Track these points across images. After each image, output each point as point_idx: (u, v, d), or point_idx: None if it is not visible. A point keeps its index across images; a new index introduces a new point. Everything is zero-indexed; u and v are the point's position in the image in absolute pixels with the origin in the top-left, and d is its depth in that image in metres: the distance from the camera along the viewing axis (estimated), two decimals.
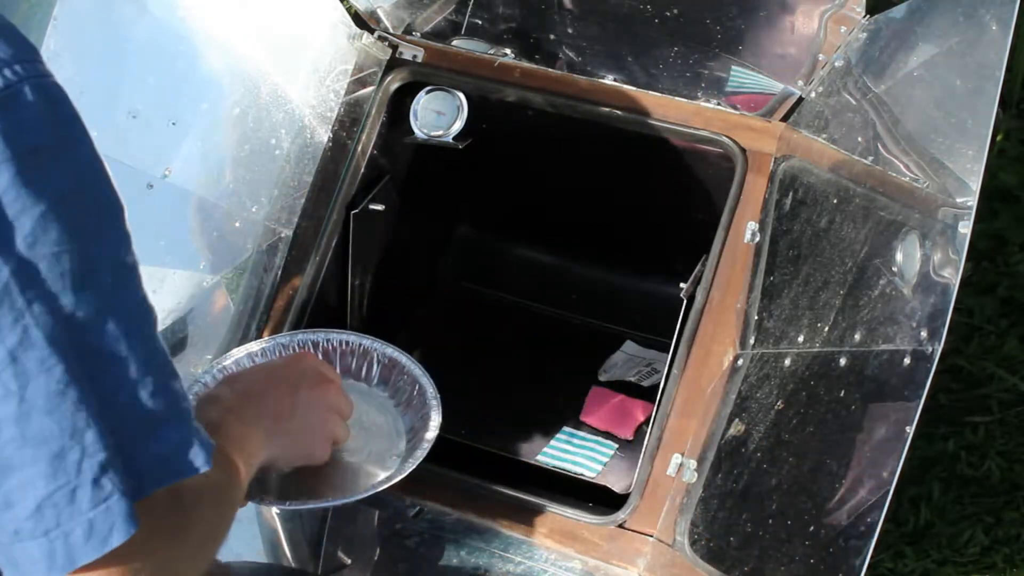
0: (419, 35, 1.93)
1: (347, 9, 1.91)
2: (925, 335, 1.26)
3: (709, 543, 1.49)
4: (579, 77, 1.85)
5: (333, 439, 1.42)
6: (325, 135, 1.88)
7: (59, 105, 0.88)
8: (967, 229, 1.27)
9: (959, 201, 1.30)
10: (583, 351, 2.07)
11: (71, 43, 1.49)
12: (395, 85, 1.90)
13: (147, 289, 0.93)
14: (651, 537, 1.59)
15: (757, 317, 1.60)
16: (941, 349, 1.22)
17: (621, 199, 2.06)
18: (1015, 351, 2.47)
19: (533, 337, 2.14)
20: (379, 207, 1.90)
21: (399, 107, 1.90)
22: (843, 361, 1.39)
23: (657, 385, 1.77)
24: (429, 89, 1.87)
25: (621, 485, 1.73)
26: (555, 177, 2.08)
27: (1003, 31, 1.35)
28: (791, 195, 1.64)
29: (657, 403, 1.66)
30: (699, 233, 1.75)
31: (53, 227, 0.83)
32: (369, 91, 1.90)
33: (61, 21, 1.46)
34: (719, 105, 1.78)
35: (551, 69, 1.86)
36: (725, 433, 1.55)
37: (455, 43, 1.92)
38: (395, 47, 1.92)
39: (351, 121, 1.89)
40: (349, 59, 1.89)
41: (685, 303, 1.68)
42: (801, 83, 1.73)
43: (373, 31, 1.92)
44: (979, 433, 2.37)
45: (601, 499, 1.70)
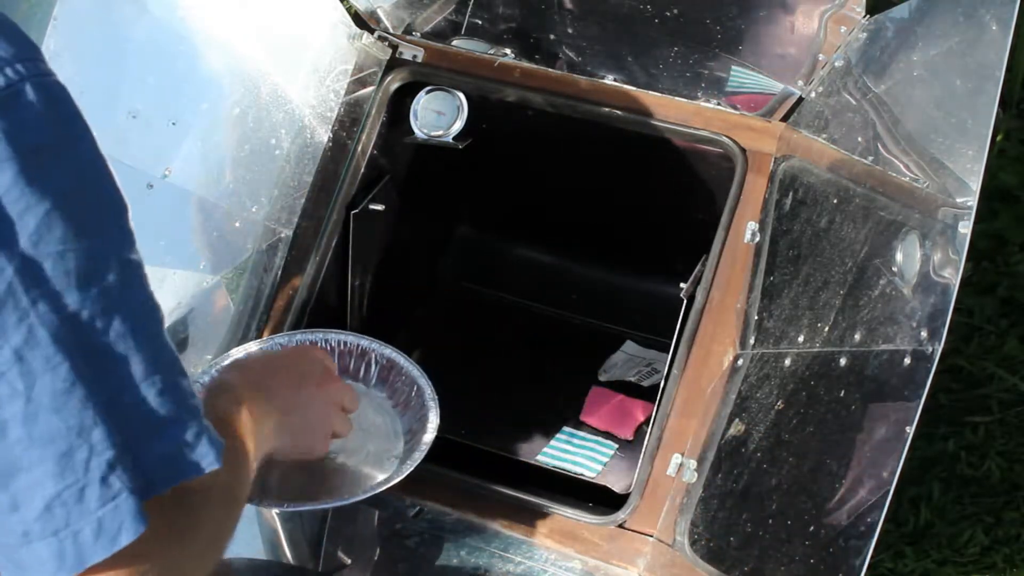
0: (419, 35, 1.93)
1: (347, 9, 1.91)
2: (925, 335, 1.26)
3: (709, 543, 1.49)
4: (579, 77, 1.85)
5: (333, 434, 1.42)
6: (325, 135, 1.88)
7: (61, 104, 0.88)
8: (967, 229, 1.27)
9: (959, 201, 1.30)
10: (583, 351, 2.07)
11: (71, 43, 1.49)
12: (395, 85, 1.90)
13: None
14: (651, 537, 1.59)
15: (757, 317, 1.60)
16: (941, 349, 1.22)
17: (621, 199, 2.06)
18: (1015, 351, 2.47)
19: (533, 337, 2.14)
20: (379, 207, 1.90)
21: (399, 107, 1.90)
22: (843, 361, 1.39)
23: (657, 385, 1.77)
24: (429, 89, 1.87)
25: (621, 485, 1.73)
26: (555, 177, 2.08)
27: (1003, 31, 1.35)
28: (791, 195, 1.64)
29: (657, 403, 1.66)
30: (699, 233, 1.75)
31: (57, 225, 0.83)
32: (369, 91, 1.90)
33: (61, 21, 1.46)
34: (719, 105, 1.78)
35: (551, 69, 1.86)
36: (725, 433, 1.55)
37: (455, 43, 1.92)
38: (395, 47, 1.92)
39: (351, 121, 1.89)
40: (349, 59, 1.89)
41: (685, 303, 1.68)
42: (801, 83, 1.73)
43: (373, 31, 1.92)
44: (979, 433, 2.37)
45: (601, 499, 1.70)
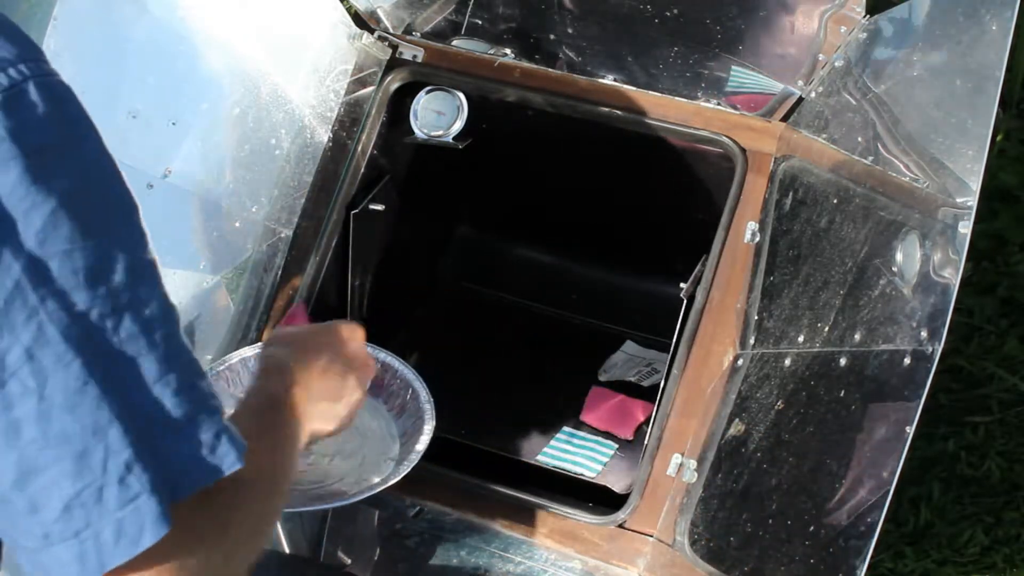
0: (419, 35, 1.92)
1: (347, 9, 1.91)
2: (925, 335, 1.26)
3: (709, 543, 1.49)
4: (579, 77, 1.85)
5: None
6: (325, 135, 1.88)
7: (64, 103, 0.87)
8: (967, 229, 1.27)
9: (959, 201, 1.30)
10: (583, 351, 2.07)
11: (71, 43, 1.49)
12: (395, 85, 1.90)
13: None
14: (651, 537, 1.59)
15: (757, 317, 1.60)
16: (941, 349, 1.22)
17: (621, 199, 2.06)
18: (1015, 351, 2.47)
19: (533, 337, 2.14)
20: (379, 207, 1.90)
21: (399, 107, 1.90)
22: (843, 361, 1.39)
23: (657, 385, 1.77)
24: (429, 89, 1.87)
25: (621, 485, 1.73)
26: (555, 177, 2.08)
27: (1003, 31, 1.35)
28: (791, 195, 1.64)
29: (657, 403, 1.66)
30: (699, 233, 1.75)
31: (63, 224, 0.83)
32: (369, 91, 1.90)
33: (61, 21, 1.47)
34: (719, 105, 1.78)
35: (551, 69, 1.86)
36: (725, 433, 1.55)
37: (455, 43, 1.92)
38: (395, 47, 1.92)
39: (351, 121, 1.89)
40: (349, 59, 1.89)
41: (685, 303, 1.68)
42: (801, 83, 1.73)
43: (373, 31, 1.92)
44: (979, 433, 2.37)
45: (601, 499, 1.70)
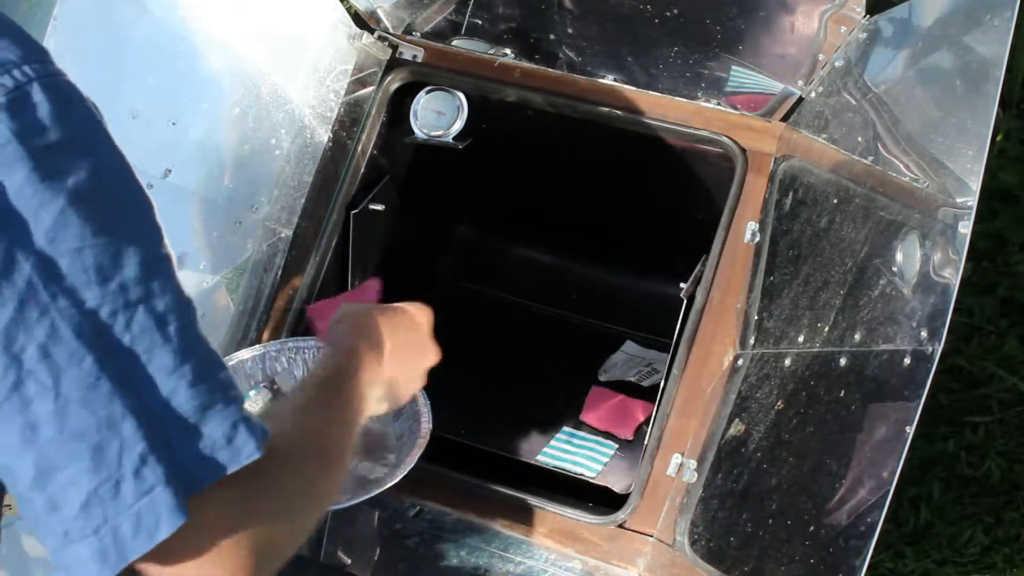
0: (419, 35, 1.92)
1: (347, 9, 1.91)
2: (925, 335, 1.26)
3: (709, 543, 1.49)
4: (579, 77, 1.85)
5: None
6: (325, 135, 1.88)
7: (70, 103, 0.88)
8: (967, 229, 1.27)
9: (959, 201, 1.30)
10: (583, 351, 2.07)
11: (71, 43, 1.49)
12: (395, 85, 1.90)
13: None
14: (651, 537, 1.59)
15: (757, 317, 1.60)
16: (941, 349, 1.22)
17: (621, 199, 2.06)
18: (1015, 351, 2.47)
19: (533, 337, 2.14)
20: (379, 207, 1.90)
21: (399, 107, 1.90)
22: (843, 361, 1.39)
23: (657, 385, 1.77)
24: (429, 89, 1.87)
25: (621, 485, 1.73)
26: (555, 177, 2.08)
27: (1003, 31, 1.35)
28: (791, 195, 1.64)
29: (657, 403, 1.66)
30: (699, 233, 1.75)
31: (73, 222, 0.84)
32: (369, 91, 1.90)
33: (61, 21, 1.47)
34: (719, 105, 1.78)
35: (551, 69, 1.86)
36: (725, 433, 1.54)
37: (455, 43, 1.92)
38: (395, 47, 1.92)
39: (351, 121, 1.89)
40: (349, 59, 1.89)
41: (685, 303, 1.68)
42: (801, 83, 1.73)
43: (373, 31, 1.92)
44: (979, 433, 2.37)
45: (601, 499, 1.70)
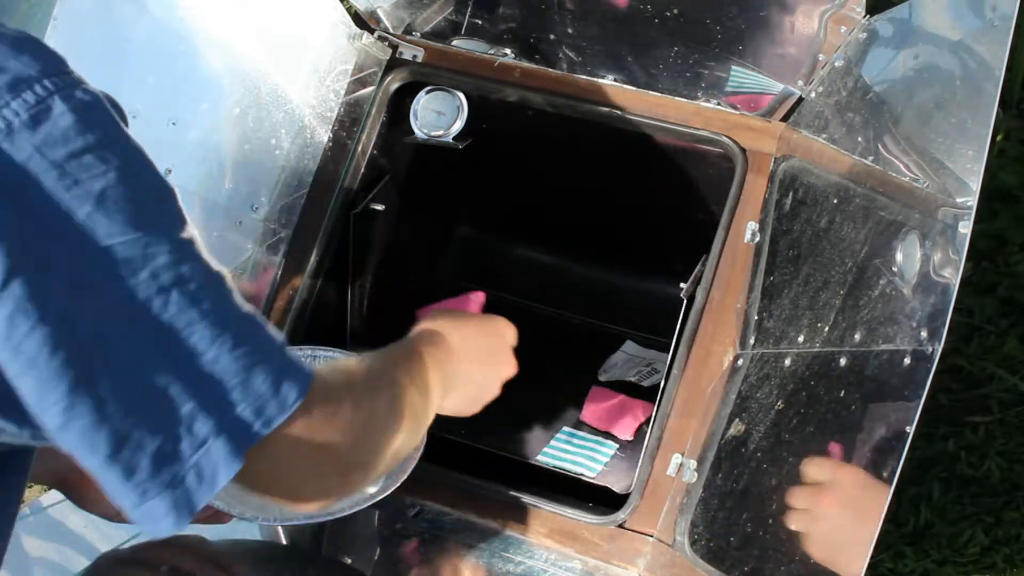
0: (419, 35, 1.92)
1: (347, 9, 1.91)
2: (925, 335, 1.26)
3: (709, 543, 1.49)
4: (579, 77, 1.85)
5: None
6: (325, 135, 1.88)
7: (91, 110, 0.96)
8: (967, 229, 1.27)
9: (959, 201, 1.30)
10: (583, 351, 2.07)
11: (71, 43, 1.48)
12: (395, 85, 1.90)
13: None
14: (651, 537, 1.59)
15: (757, 317, 1.60)
16: (941, 349, 1.22)
17: (621, 199, 2.06)
18: (1015, 351, 2.47)
19: (533, 337, 2.13)
20: (379, 207, 1.90)
21: (399, 107, 1.90)
22: (843, 361, 1.39)
23: (657, 385, 1.77)
24: (429, 89, 1.87)
25: (621, 485, 1.73)
26: (555, 177, 2.08)
27: (1003, 31, 1.35)
28: (791, 195, 1.64)
29: (657, 403, 1.66)
30: (699, 233, 1.75)
31: (101, 223, 0.93)
32: (369, 91, 1.90)
33: (61, 21, 1.47)
34: (719, 105, 1.78)
35: (551, 69, 1.86)
36: (725, 433, 1.54)
37: (455, 43, 1.92)
38: (395, 47, 1.92)
39: (351, 121, 1.89)
40: (349, 59, 1.89)
41: (685, 303, 1.68)
42: (801, 83, 1.73)
43: (373, 31, 1.92)
44: (979, 433, 2.37)
45: (601, 499, 1.70)
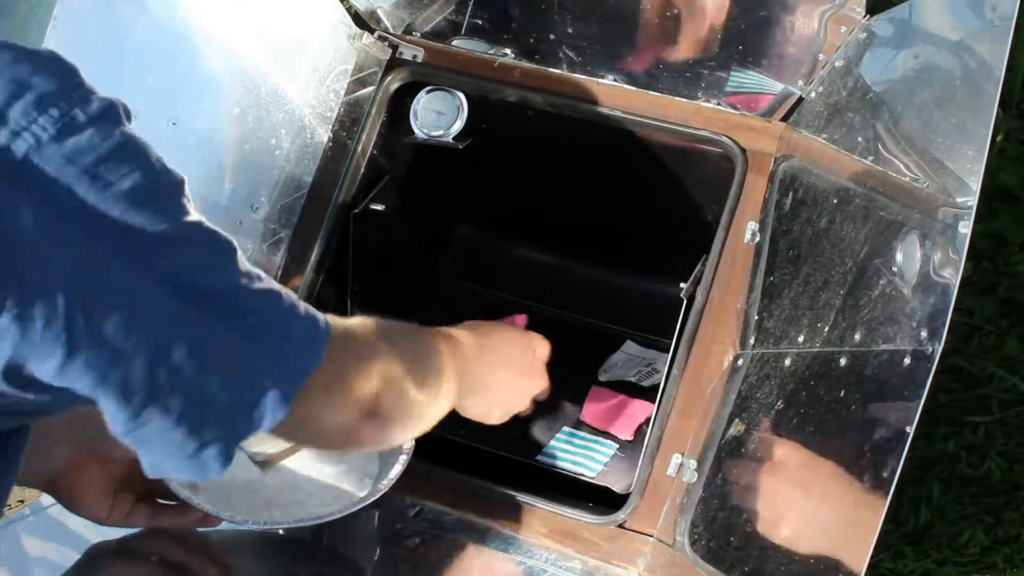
0: (419, 35, 1.92)
1: (347, 9, 1.91)
2: (925, 335, 1.26)
3: (709, 543, 1.49)
4: (579, 77, 1.85)
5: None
6: (325, 135, 1.88)
7: (107, 115, 1.05)
8: (967, 229, 1.27)
9: (959, 201, 1.30)
10: (583, 351, 2.07)
11: (71, 43, 1.49)
12: (395, 85, 1.90)
13: None
14: (651, 537, 1.59)
15: (757, 317, 1.60)
16: (941, 349, 1.22)
17: (621, 199, 2.05)
18: (1015, 351, 2.47)
19: None
20: (379, 207, 1.90)
21: (399, 107, 1.90)
22: (843, 361, 1.39)
23: (657, 385, 1.77)
24: (429, 89, 1.87)
25: (621, 485, 1.73)
26: (555, 177, 2.08)
27: (1003, 31, 1.35)
28: (791, 195, 1.64)
29: (657, 403, 1.66)
30: (699, 233, 1.75)
31: (136, 217, 1.02)
32: (369, 91, 1.90)
33: (61, 21, 1.47)
34: (719, 105, 1.78)
35: (551, 69, 1.86)
36: (725, 433, 1.55)
37: (455, 43, 1.92)
38: (395, 47, 1.92)
39: (351, 121, 1.89)
40: (349, 59, 1.89)
41: (685, 303, 1.68)
42: (801, 83, 1.73)
43: (373, 31, 1.92)
44: (979, 433, 2.37)
45: (601, 499, 1.70)
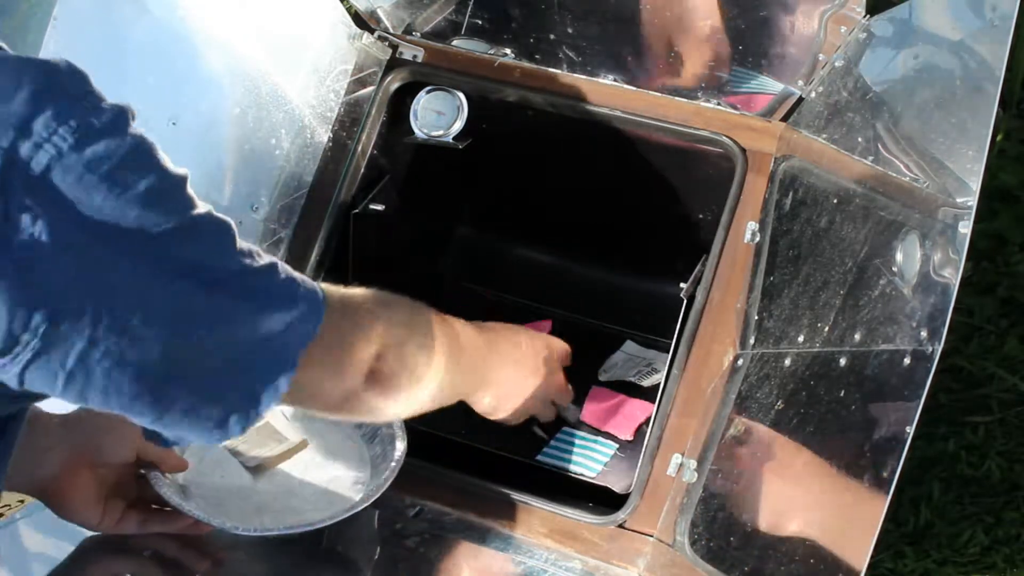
0: (419, 35, 1.93)
1: (347, 9, 1.91)
2: (925, 335, 1.26)
3: (709, 543, 1.49)
4: (579, 77, 1.85)
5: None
6: (325, 135, 1.88)
7: (117, 122, 1.07)
8: (967, 229, 1.27)
9: (959, 201, 1.30)
10: (583, 351, 2.06)
11: (71, 43, 1.49)
12: (395, 85, 1.90)
13: None
14: (651, 537, 1.58)
15: (757, 317, 1.60)
16: (941, 349, 1.22)
17: (621, 199, 2.05)
18: (1015, 351, 2.47)
19: None
20: (379, 207, 1.90)
21: (399, 107, 1.90)
22: (843, 361, 1.39)
23: (657, 385, 1.77)
24: (429, 89, 1.87)
25: (621, 485, 1.73)
26: (555, 177, 2.08)
27: (1003, 31, 1.35)
28: (791, 195, 1.64)
29: (657, 403, 1.65)
30: (699, 233, 1.75)
31: (151, 217, 1.07)
32: (369, 91, 1.90)
33: (61, 21, 1.47)
34: (719, 105, 1.78)
35: (551, 69, 1.86)
36: (725, 433, 1.55)
37: (455, 43, 1.92)
38: (395, 47, 1.92)
39: (351, 121, 1.89)
40: (349, 59, 1.89)
41: (685, 303, 1.68)
42: (801, 83, 1.73)
43: (373, 31, 1.92)
44: (979, 433, 2.37)
45: (601, 499, 1.70)
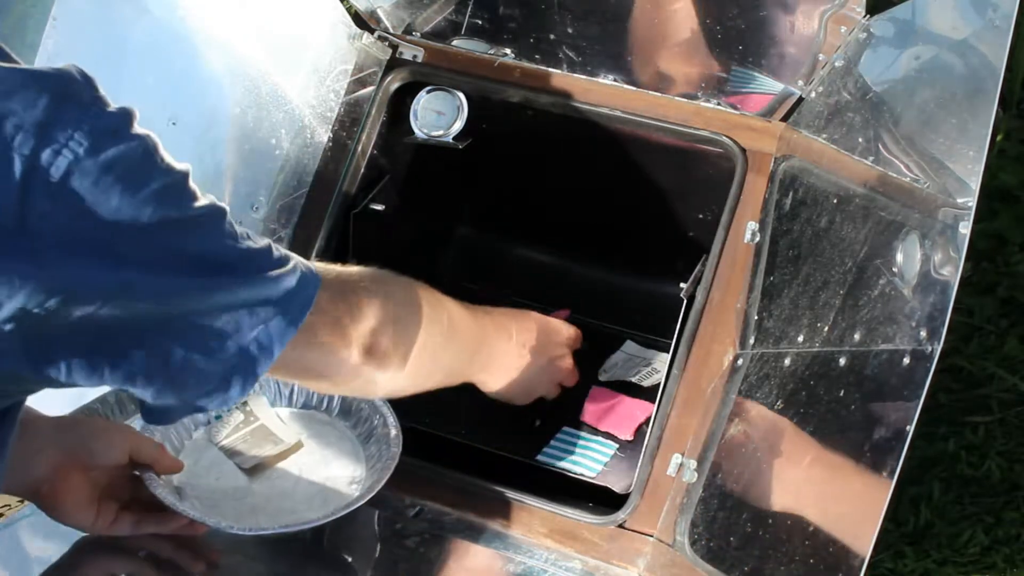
0: (419, 35, 1.93)
1: (347, 9, 1.91)
2: (925, 335, 1.26)
3: (709, 543, 1.49)
4: (579, 77, 1.85)
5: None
6: (325, 135, 1.88)
7: (125, 125, 1.10)
8: (967, 229, 1.27)
9: (959, 201, 1.30)
10: (583, 351, 2.07)
11: (70, 43, 1.49)
12: (395, 85, 1.90)
13: None
14: (651, 537, 1.59)
15: (757, 317, 1.60)
16: (941, 349, 1.22)
17: (621, 199, 2.05)
18: (1015, 351, 2.47)
19: None
20: (379, 207, 1.90)
21: (399, 107, 1.90)
22: (843, 361, 1.39)
23: (657, 385, 1.77)
24: (429, 89, 1.87)
25: (621, 485, 1.73)
26: (555, 177, 2.08)
27: (1003, 31, 1.35)
28: (791, 195, 1.64)
29: (657, 403, 1.66)
30: (699, 233, 1.75)
31: (161, 212, 1.10)
32: (369, 91, 1.90)
33: (60, 21, 1.47)
34: (719, 105, 1.78)
35: (551, 69, 1.86)
36: (725, 433, 1.55)
37: (455, 43, 1.92)
38: (395, 47, 1.92)
39: (351, 121, 1.89)
40: (349, 59, 1.89)
41: (685, 303, 1.68)
42: (801, 83, 1.73)
43: (373, 31, 1.92)
44: (979, 433, 2.37)
45: (601, 499, 1.70)
